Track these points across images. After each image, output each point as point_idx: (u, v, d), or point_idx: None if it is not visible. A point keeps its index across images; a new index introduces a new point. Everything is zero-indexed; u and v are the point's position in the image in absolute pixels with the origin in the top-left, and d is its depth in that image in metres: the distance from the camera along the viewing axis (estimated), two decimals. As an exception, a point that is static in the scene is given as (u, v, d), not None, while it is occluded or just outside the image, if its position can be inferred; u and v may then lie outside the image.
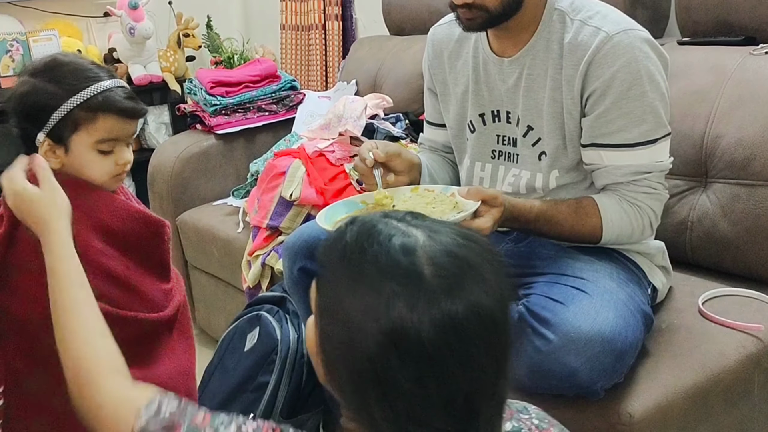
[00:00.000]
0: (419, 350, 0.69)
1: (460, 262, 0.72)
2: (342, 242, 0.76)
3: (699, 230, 1.64)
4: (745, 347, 1.36)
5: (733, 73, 1.65)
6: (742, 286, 1.54)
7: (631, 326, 1.23)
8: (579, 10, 1.36)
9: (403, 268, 0.71)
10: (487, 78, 1.46)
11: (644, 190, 1.36)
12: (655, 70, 1.32)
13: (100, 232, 1.24)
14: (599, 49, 1.30)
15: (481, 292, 0.71)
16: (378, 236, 0.74)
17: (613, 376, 1.21)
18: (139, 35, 3.20)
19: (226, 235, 2.28)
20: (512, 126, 1.45)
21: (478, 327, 0.70)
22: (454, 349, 0.69)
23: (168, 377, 1.34)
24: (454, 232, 0.75)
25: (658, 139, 1.33)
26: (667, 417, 1.24)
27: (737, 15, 1.74)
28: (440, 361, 0.69)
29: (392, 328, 0.69)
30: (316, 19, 3.15)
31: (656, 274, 1.45)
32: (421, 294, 0.70)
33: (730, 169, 1.59)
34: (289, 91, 2.80)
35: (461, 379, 0.70)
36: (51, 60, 1.24)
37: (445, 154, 1.65)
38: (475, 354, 0.70)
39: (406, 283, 0.70)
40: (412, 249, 0.72)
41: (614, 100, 1.31)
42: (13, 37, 3.07)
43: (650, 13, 1.98)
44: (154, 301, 1.32)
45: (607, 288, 1.27)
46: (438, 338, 0.69)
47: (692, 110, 1.67)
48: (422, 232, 0.74)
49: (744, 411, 1.37)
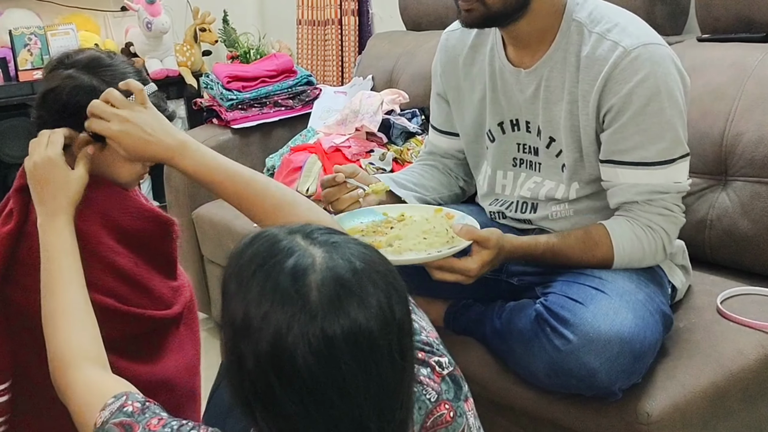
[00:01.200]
0: (295, 375, 0.68)
1: (348, 286, 0.70)
2: (242, 257, 0.74)
3: (718, 229, 1.63)
4: (764, 347, 1.35)
5: (753, 70, 1.64)
6: (761, 285, 1.53)
7: (650, 327, 1.22)
8: (598, 21, 1.33)
9: (286, 292, 0.69)
10: (504, 87, 1.44)
11: (659, 211, 1.32)
12: (675, 86, 1.29)
13: (111, 229, 1.25)
14: (617, 65, 1.28)
15: (362, 316, 0.69)
16: (275, 255, 0.72)
17: (631, 377, 1.21)
18: (156, 30, 3.21)
19: (242, 230, 2.28)
20: (533, 135, 1.43)
21: (355, 352, 0.68)
22: (330, 376, 0.68)
23: (175, 372, 1.35)
24: (356, 254, 0.73)
25: (676, 159, 1.30)
26: (685, 416, 1.23)
27: (758, 11, 1.72)
28: (317, 386, 0.68)
29: (268, 350, 0.68)
30: (332, 14, 3.15)
31: (676, 274, 1.44)
32: (300, 317, 0.68)
33: (750, 167, 1.58)
34: (305, 86, 2.80)
35: (342, 405, 0.69)
36: (97, 57, 1.23)
37: (444, 160, 1.64)
38: (353, 380, 0.68)
39: (285, 307, 0.69)
40: (302, 271, 0.70)
41: (631, 116, 1.28)
42: (31, 31, 3.08)
43: (670, 10, 1.97)
44: (162, 298, 1.32)
45: (626, 288, 1.26)
46: (313, 364, 0.67)
47: (712, 108, 1.66)
48: (322, 252, 0.72)
49: (763, 410, 1.36)
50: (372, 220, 1.38)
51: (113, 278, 1.24)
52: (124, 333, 1.26)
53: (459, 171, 1.65)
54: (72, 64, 1.22)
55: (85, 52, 1.24)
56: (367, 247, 0.75)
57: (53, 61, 1.25)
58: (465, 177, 1.65)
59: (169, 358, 1.34)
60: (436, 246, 1.26)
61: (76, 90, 1.19)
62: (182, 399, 1.39)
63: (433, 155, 1.65)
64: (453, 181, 1.64)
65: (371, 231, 1.34)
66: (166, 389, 1.33)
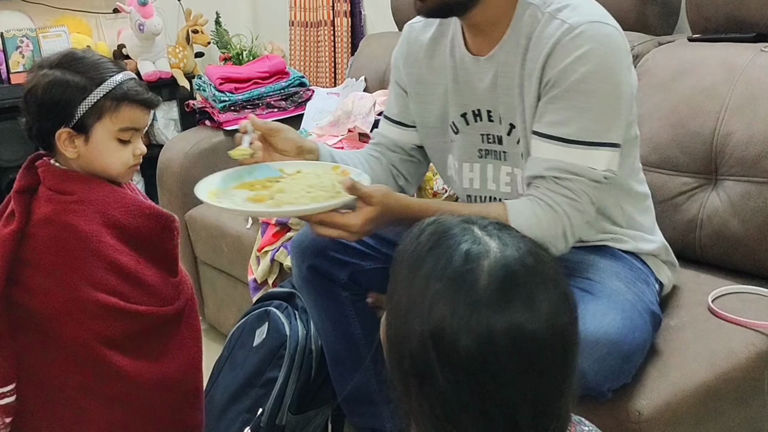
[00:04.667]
0: (455, 355, 0.70)
1: (515, 281, 0.72)
2: (418, 238, 0.77)
3: (709, 228, 1.63)
4: (756, 345, 1.35)
5: (744, 69, 1.64)
6: (752, 284, 1.53)
7: (638, 327, 1.22)
8: (550, 2, 1.29)
9: (457, 272, 0.72)
10: (465, 77, 1.40)
11: (564, 193, 1.24)
12: (616, 69, 1.24)
13: (112, 227, 1.26)
14: (559, 40, 1.23)
15: (529, 314, 0.70)
16: (449, 239, 0.75)
17: (620, 377, 1.21)
18: (148, 31, 3.21)
19: (235, 231, 2.28)
20: (495, 124, 1.39)
21: (516, 347, 0.70)
22: (487, 364, 0.69)
23: (180, 372, 1.36)
24: (527, 251, 0.74)
25: (597, 144, 1.24)
26: (677, 415, 1.24)
27: (748, 11, 1.73)
28: (474, 371, 0.70)
29: (432, 328, 0.70)
30: (324, 15, 3.14)
31: (663, 271, 1.45)
32: (466, 302, 0.70)
33: (741, 166, 1.59)
34: (297, 88, 2.80)
35: (495, 395, 0.70)
36: (69, 53, 1.26)
37: (390, 153, 1.56)
38: (509, 375, 0.70)
39: (454, 287, 0.71)
40: (476, 257, 0.72)
41: (563, 90, 1.23)
42: (23, 33, 3.08)
43: (660, 9, 1.98)
44: (163, 295, 1.33)
45: (614, 289, 1.26)
46: (474, 349, 0.69)
47: (703, 107, 1.66)
48: (497, 244, 0.74)
49: (755, 409, 1.37)
50: (267, 176, 1.34)
51: (116, 277, 1.26)
52: (128, 331, 1.28)
53: (402, 167, 1.57)
54: (46, 64, 1.25)
55: (59, 52, 1.27)
56: (539, 245, 0.77)
57: (32, 67, 1.28)
58: (406, 176, 1.58)
59: (173, 355, 1.35)
60: (319, 200, 1.21)
61: (49, 86, 1.22)
62: (186, 396, 1.40)
63: (380, 146, 1.58)
64: (391, 180, 1.57)
65: (260, 186, 1.30)
66: (171, 387, 1.35)
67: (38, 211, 1.24)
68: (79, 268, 1.23)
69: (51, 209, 1.24)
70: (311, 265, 1.46)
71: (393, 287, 0.78)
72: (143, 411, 1.32)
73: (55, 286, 1.23)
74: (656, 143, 1.73)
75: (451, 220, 0.78)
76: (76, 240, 1.23)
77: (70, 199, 1.25)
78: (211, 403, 1.65)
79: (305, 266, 1.47)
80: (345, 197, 1.20)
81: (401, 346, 0.73)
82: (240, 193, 1.28)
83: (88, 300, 1.23)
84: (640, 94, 1.81)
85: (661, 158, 1.71)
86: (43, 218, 1.24)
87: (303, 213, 1.21)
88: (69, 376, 1.26)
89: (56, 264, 1.23)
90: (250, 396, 1.62)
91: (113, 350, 1.27)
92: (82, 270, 1.23)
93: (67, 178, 1.27)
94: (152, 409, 1.33)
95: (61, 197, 1.25)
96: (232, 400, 1.63)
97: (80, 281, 1.23)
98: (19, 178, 1.28)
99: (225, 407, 1.63)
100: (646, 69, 1.83)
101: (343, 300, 1.47)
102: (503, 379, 0.70)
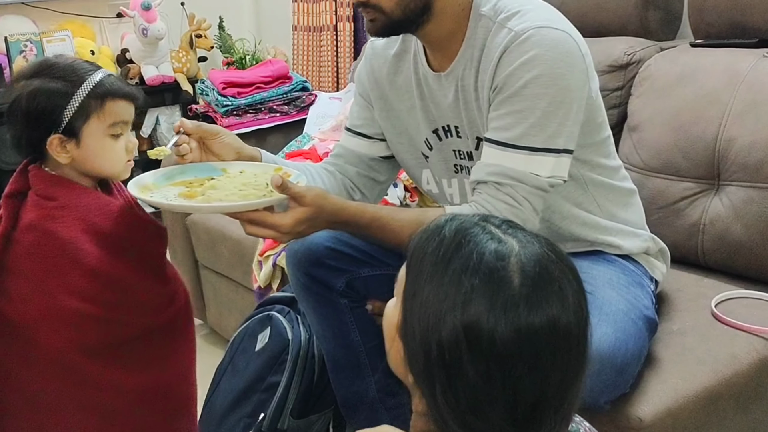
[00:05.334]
0: (490, 348, 0.72)
1: (548, 276, 0.75)
2: (440, 235, 0.79)
3: (711, 233, 1.63)
4: (759, 350, 1.35)
5: (746, 75, 1.64)
6: (755, 289, 1.53)
7: (632, 337, 1.20)
8: (501, 11, 1.27)
9: (492, 269, 0.74)
10: (430, 94, 1.39)
11: (504, 199, 1.21)
12: (564, 74, 1.21)
13: (93, 234, 1.25)
14: (506, 48, 1.22)
15: (561, 307, 0.74)
16: (474, 237, 0.77)
17: (616, 390, 1.20)
18: (152, 36, 3.22)
19: (236, 236, 2.28)
20: (464, 140, 1.38)
21: (552, 339, 0.73)
22: (524, 356, 0.72)
23: (169, 380, 1.35)
24: (546, 247, 0.77)
25: (543, 150, 1.21)
26: (678, 421, 1.23)
27: (751, 17, 1.73)
28: (509, 363, 0.72)
29: (468, 321, 0.72)
30: (327, 20, 3.15)
31: (655, 267, 1.43)
32: (504, 297, 0.72)
33: (743, 171, 1.58)
34: (300, 92, 2.80)
35: (527, 385, 0.72)
36: (42, 62, 1.27)
37: (348, 167, 1.52)
38: (545, 365, 0.73)
39: (490, 283, 0.73)
40: (506, 255, 0.75)
41: (508, 95, 1.22)
42: (27, 37, 3.09)
43: (662, 15, 1.98)
44: (151, 304, 1.32)
45: (607, 299, 1.24)
46: (511, 342, 0.72)
47: (705, 113, 1.66)
48: (517, 242, 0.77)
49: (757, 415, 1.37)
50: (209, 175, 1.32)
51: (97, 284, 1.24)
52: (106, 340, 1.26)
53: (358, 182, 1.52)
54: (23, 76, 1.26)
55: (31, 63, 1.29)
56: (550, 242, 0.79)
57: (10, 81, 1.29)
58: (363, 190, 1.53)
59: (162, 365, 1.34)
60: (250, 198, 1.19)
61: (32, 95, 1.22)
62: (177, 405, 1.39)
63: (338, 158, 1.54)
64: (345, 193, 1.51)
65: (198, 184, 1.28)
66: (160, 397, 1.33)
67: (24, 217, 1.24)
68: (56, 275, 1.22)
69: (35, 215, 1.23)
70: (307, 273, 1.45)
71: (415, 283, 0.78)
72: (124, 421, 1.30)
73: (35, 293, 1.22)
74: (658, 148, 1.73)
75: (469, 219, 0.80)
76: (54, 247, 1.22)
77: (53, 204, 1.24)
78: (212, 408, 1.65)
79: (301, 274, 1.46)
80: (276, 196, 1.17)
81: (429, 339, 0.75)
82: (174, 190, 1.27)
83: (64, 308, 1.22)
84: (643, 99, 1.82)
85: (664, 163, 1.71)
86: (27, 224, 1.23)
87: (230, 210, 1.19)
88: (48, 382, 1.25)
89: (35, 270, 1.22)
90: (251, 401, 1.62)
91: (92, 359, 1.25)
92: (60, 277, 1.22)
93: (54, 183, 1.26)
94: (134, 420, 1.31)
95: (46, 203, 1.24)
96: (233, 405, 1.63)
97: (57, 288, 1.22)
98: (11, 182, 1.28)
99: (226, 412, 1.63)
100: (648, 74, 1.83)
101: (342, 307, 1.46)
102: (536, 371, 0.72)
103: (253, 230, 1.19)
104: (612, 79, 1.89)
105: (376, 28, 1.30)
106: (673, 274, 1.55)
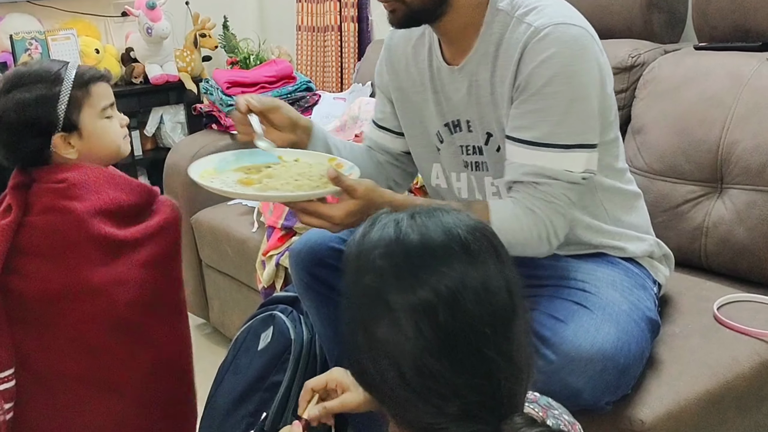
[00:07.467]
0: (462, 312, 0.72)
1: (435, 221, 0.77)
2: (367, 238, 0.82)
3: (714, 236, 1.63)
4: (760, 354, 1.35)
5: (749, 78, 1.64)
6: (757, 292, 1.53)
7: (634, 338, 1.20)
8: (518, 6, 1.28)
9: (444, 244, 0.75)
10: (443, 87, 1.40)
11: (542, 196, 1.25)
12: (582, 70, 1.23)
13: (107, 206, 1.31)
14: (526, 45, 1.24)
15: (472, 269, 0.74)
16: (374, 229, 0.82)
17: (618, 391, 1.20)
18: (156, 35, 3.22)
19: (240, 235, 2.29)
20: (474, 134, 1.39)
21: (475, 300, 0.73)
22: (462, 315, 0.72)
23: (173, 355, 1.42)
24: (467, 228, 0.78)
25: (571, 146, 1.23)
26: (679, 424, 1.23)
27: (754, 20, 1.73)
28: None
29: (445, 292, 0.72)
30: (331, 20, 3.15)
31: (658, 270, 1.44)
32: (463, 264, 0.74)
33: (746, 175, 1.59)
34: (304, 92, 2.81)
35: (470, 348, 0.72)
36: (14, 73, 1.31)
37: (379, 156, 1.58)
38: (478, 324, 0.72)
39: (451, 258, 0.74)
40: (452, 229, 0.76)
41: (530, 94, 1.24)
42: (32, 36, 3.10)
43: (666, 18, 1.98)
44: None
45: (610, 299, 1.25)
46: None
47: (708, 116, 1.67)
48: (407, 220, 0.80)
49: (758, 418, 1.37)
50: (265, 161, 1.35)
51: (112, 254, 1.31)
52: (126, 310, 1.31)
53: (390, 171, 1.59)
54: (4, 88, 1.29)
55: (4, 75, 1.33)
56: (461, 213, 0.80)
57: None
58: (396, 179, 1.59)
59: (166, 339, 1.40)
60: (304, 189, 1.22)
61: (19, 107, 1.27)
62: (179, 378, 1.45)
63: (370, 149, 1.60)
64: (382, 176, 1.57)
65: (255, 170, 1.31)
66: (164, 372, 1.40)
67: (37, 203, 1.29)
68: (75, 249, 1.27)
69: (48, 198, 1.29)
70: (310, 273, 1.46)
71: (356, 275, 0.80)
72: (139, 400, 1.36)
73: (54, 271, 1.27)
74: (662, 151, 1.73)
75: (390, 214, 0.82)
76: (71, 222, 1.27)
77: (64, 186, 1.29)
78: (214, 407, 1.65)
79: (304, 274, 1.47)
80: (329, 188, 1.21)
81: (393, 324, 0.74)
82: (234, 176, 1.31)
83: (84, 280, 1.27)
84: (647, 101, 1.82)
85: (667, 166, 1.72)
86: (41, 207, 1.28)
87: (285, 199, 1.24)
88: (67, 365, 1.29)
89: (53, 247, 1.28)
90: (254, 400, 1.62)
91: (110, 335, 1.30)
92: (78, 250, 1.27)
93: (59, 170, 1.31)
94: (147, 397, 1.37)
95: (56, 186, 1.29)
96: (236, 403, 1.63)
97: (77, 261, 1.27)
98: (13, 176, 1.33)
99: (229, 411, 1.63)
100: (652, 77, 1.83)
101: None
102: (473, 331, 0.72)
103: (306, 219, 1.23)
104: (616, 81, 1.88)
105: (397, 19, 1.32)
106: (676, 277, 1.55)
